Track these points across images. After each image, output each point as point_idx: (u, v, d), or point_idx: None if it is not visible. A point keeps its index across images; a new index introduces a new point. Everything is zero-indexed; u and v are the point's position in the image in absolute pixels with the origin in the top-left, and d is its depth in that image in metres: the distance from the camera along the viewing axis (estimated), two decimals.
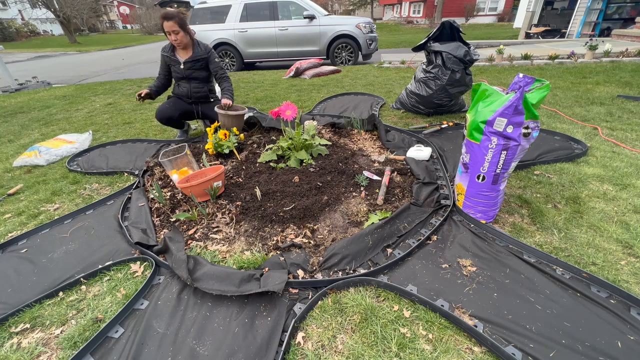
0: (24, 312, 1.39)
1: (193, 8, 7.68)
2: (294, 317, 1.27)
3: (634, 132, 2.80)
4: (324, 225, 1.79)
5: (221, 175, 2.00)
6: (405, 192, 2.06)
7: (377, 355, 1.13)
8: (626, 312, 1.23)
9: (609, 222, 1.71)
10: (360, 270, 1.50)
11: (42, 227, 1.98)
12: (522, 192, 2.04)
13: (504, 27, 18.41)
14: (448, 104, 3.37)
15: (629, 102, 3.56)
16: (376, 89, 4.89)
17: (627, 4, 10.08)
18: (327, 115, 3.57)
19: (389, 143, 2.75)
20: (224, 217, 1.90)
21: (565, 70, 5.30)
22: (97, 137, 3.62)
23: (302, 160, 2.33)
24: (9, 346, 1.26)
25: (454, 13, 23.06)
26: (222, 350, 1.18)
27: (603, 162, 2.31)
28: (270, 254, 1.63)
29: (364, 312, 1.28)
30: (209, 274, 1.46)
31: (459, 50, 3.07)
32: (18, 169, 2.89)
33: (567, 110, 3.44)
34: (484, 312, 1.26)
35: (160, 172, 2.49)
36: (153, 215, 2.01)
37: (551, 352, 1.10)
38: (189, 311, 1.35)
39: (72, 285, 1.53)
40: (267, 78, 6.34)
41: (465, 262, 1.50)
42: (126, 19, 45.47)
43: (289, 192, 1.98)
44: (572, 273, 1.40)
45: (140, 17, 35.54)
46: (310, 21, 7.25)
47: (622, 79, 4.50)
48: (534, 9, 12.20)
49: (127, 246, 1.79)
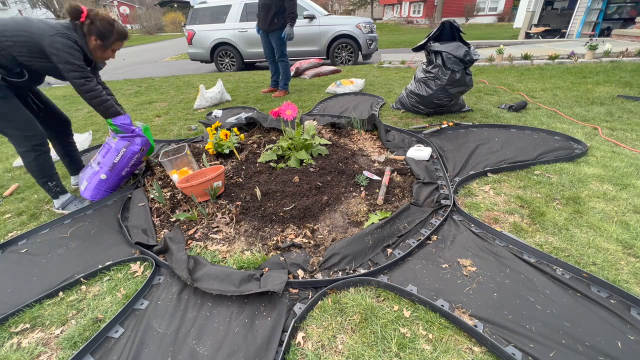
0: (24, 312, 1.39)
1: (193, 8, 7.67)
2: (294, 317, 1.27)
3: (634, 132, 2.81)
4: (324, 225, 1.79)
5: (221, 175, 2.00)
6: (405, 192, 2.06)
7: (377, 355, 1.13)
8: (626, 312, 1.23)
9: (609, 222, 1.71)
10: (360, 270, 1.50)
11: (42, 227, 1.98)
12: (522, 192, 2.04)
13: (504, 27, 18.40)
14: (448, 104, 3.37)
15: (629, 102, 3.56)
16: (376, 89, 4.89)
17: (627, 4, 10.07)
18: (327, 115, 3.57)
19: (389, 143, 2.75)
20: (224, 217, 1.90)
21: (565, 70, 5.30)
22: (97, 137, 3.62)
23: (302, 160, 2.33)
24: (9, 346, 1.26)
25: (454, 13, 23.03)
26: (222, 350, 1.18)
27: (603, 162, 2.31)
28: (270, 254, 1.63)
29: (364, 312, 1.28)
30: (209, 274, 1.46)
31: (459, 50, 3.07)
32: (18, 169, 2.89)
33: (567, 110, 3.44)
34: (484, 312, 1.26)
35: (160, 172, 2.49)
36: (153, 215, 2.01)
37: (551, 352, 1.10)
38: (189, 311, 1.35)
39: (72, 285, 1.53)
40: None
41: (465, 262, 1.50)
42: (126, 19, 45.50)
43: (289, 192, 1.98)
44: (572, 273, 1.40)
45: (140, 17, 35.53)
46: (310, 21, 7.24)
47: (622, 79, 4.50)
48: (534, 9, 12.20)
49: (127, 246, 1.79)
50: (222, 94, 4.69)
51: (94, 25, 1.85)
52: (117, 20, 1.98)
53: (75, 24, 1.85)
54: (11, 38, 1.73)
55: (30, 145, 1.93)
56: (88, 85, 1.91)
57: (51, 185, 2.10)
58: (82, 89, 1.90)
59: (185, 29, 7.71)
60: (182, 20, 8.50)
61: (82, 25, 1.85)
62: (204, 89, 4.52)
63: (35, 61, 1.81)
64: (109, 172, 2.20)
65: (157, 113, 4.36)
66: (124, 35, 2.01)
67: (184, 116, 4.15)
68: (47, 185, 2.09)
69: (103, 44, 1.93)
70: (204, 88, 4.54)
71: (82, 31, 1.86)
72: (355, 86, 4.79)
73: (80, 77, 1.86)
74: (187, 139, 3.24)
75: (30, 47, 1.76)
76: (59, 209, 2.15)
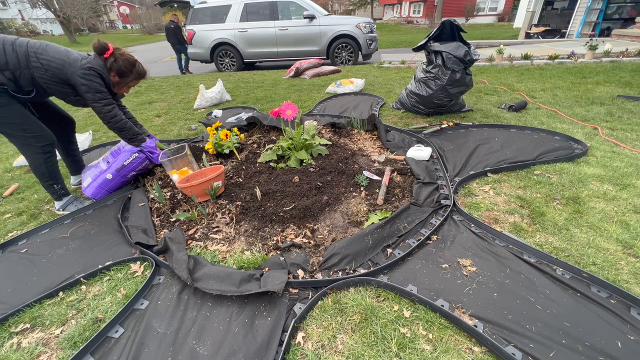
0: (24, 312, 1.39)
1: (193, 8, 7.67)
2: (294, 317, 1.27)
3: (634, 132, 2.81)
4: (324, 225, 1.79)
5: (221, 175, 2.00)
6: (405, 192, 2.06)
7: (377, 355, 1.13)
8: (626, 312, 1.23)
9: (609, 222, 1.71)
10: (360, 270, 1.50)
11: (42, 227, 1.98)
12: (522, 192, 2.04)
13: (504, 27, 18.40)
14: (448, 104, 3.37)
15: (629, 102, 3.56)
16: (376, 89, 4.89)
17: (627, 4, 10.07)
18: (327, 115, 3.57)
19: (389, 143, 2.75)
20: (224, 217, 1.90)
21: (565, 70, 5.30)
22: (97, 137, 3.62)
23: (302, 160, 2.33)
24: (9, 346, 1.26)
25: (454, 13, 23.02)
26: (222, 350, 1.18)
27: (603, 162, 2.31)
28: (270, 254, 1.63)
29: (364, 312, 1.28)
30: (209, 274, 1.46)
31: (459, 50, 3.07)
32: (18, 169, 2.89)
33: (567, 110, 3.44)
34: (484, 312, 1.26)
35: (160, 172, 2.49)
36: (153, 215, 2.01)
37: (551, 352, 1.10)
38: (189, 311, 1.35)
39: (72, 285, 1.53)
40: (267, 78, 6.34)
41: (465, 262, 1.50)
42: (126, 19, 45.47)
43: (289, 192, 1.98)
44: (572, 273, 1.40)
45: (140, 17, 35.52)
46: (310, 21, 7.25)
47: (622, 79, 4.50)
48: (534, 9, 12.21)
49: (127, 246, 1.79)
50: (222, 94, 4.69)
51: (117, 64, 1.97)
52: (139, 62, 2.09)
53: (99, 58, 1.96)
54: (43, 61, 1.80)
55: (40, 146, 1.95)
56: (112, 112, 2.03)
57: (57, 187, 2.11)
58: (110, 114, 2.02)
59: (185, 29, 7.71)
60: (182, 20, 8.45)
61: (105, 60, 1.96)
62: (204, 89, 4.52)
63: (53, 85, 1.88)
64: (116, 173, 2.22)
65: (157, 113, 4.37)
66: (143, 75, 2.15)
67: (184, 116, 4.15)
68: (53, 188, 2.10)
69: (121, 81, 2.05)
70: (204, 88, 4.54)
71: (105, 66, 1.96)
72: (355, 86, 4.79)
73: (108, 104, 2.01)
74: (187, 139, 3.24)
75: (57, 73, 1.84)
76: (60, 210, 2.15)
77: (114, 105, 2.05)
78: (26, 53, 1.76)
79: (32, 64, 1.77)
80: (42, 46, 1.82)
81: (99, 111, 1.99)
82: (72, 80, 1.87)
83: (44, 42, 1.87)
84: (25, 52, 1.76)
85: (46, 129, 1.99)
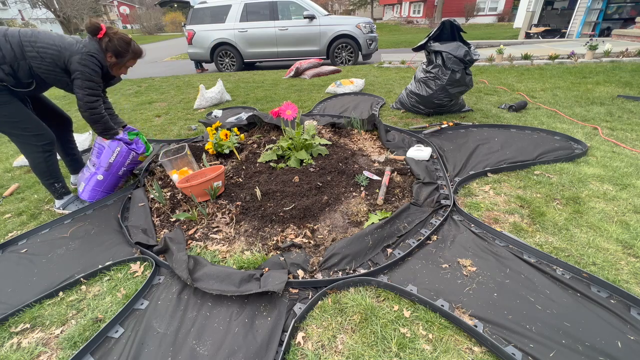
0: (24, 312, 1.39)
1: (193, 8, 7.67)
2: (294, 317, 1.27)
3: (634, 132, 2.81)
4: (324, 225, 1.79)
5: (221, 175, 2.00)
6: (405, 192, 2.06)
7: (377, 355, 1.13)
8: (626, 312, 1.23)
9: (609, 222, 1.71)
10: (360, 270, 1.50)
11: (42, 227, 1.98)
12: (522, 192, 2.04)
13: (504, 27, 18.39)
14: (448, 104, 3.37)
15: (629, 102, 3.56)
16: (376, 89, 4.89)
17: (627, 4, 10.07)
18: (327, 115, 3.57)
19: (389, 143, 2.75)
20: (224, 217, 1.90)
21: (565, 70, 5.30)
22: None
23: (302, 160, 2.33)
24: (9, 346, 1.26)
25: (454, 13, 23.02)
26: (222, 350, 1.18)
27: (603, 162, 2.31)
28: (270, 254, 1.63)
29: (364, 312, 1.28)
30: (209, 274, 1.46)
31: (459, 50, 3.07)
32: (18, 169, 2.89)
33: (567, 110, 3.44)
34: (484, 312, 1.26)
35: (160, 172, 2.49)
36: (153, 215, 2.01)
37: (551, 352, 1.10)
38: (189, 311, 1.35)
39: (72, 285, 1.53)
40: (267, 78, 6.34)
41: (465, 262, 1.50)
42: (126, 19, 45.46)
43: (289, 192, 1.98)
44: (572, 273, 1.40)
45: (140, 17, 35.52)
46: (310, 21, 7.24)
47: (622, 79, 4.50)
48: (534, 9, 12.20)
49: (127, 246, 1.79)
50: (222, 94, 4.69)
51: (112, 43, 1.91)
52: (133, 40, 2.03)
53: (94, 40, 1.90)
54: (39, 49, 1.75)
55: (40, 145, 1.94)
56: (94, 104, 1.95)
57: (58, 186, 2.10)
58: (90, 105, 1.94)
59: (185, 28, 7.71)
60: (182, 20, 8.49)
61: (99, 41, 1.90)
62: (204, 89, 4.52)
63: (51, 74, 1.84)
64: (106, 173, 2.20)
65: (157, 113, 4.37)
66: (139, 53, 2.07)
67: (184, 116, 4.15)
68: (54, 187, 2.09)
69: (118, 62, 1.99)
70: (204, 88, 4.54)
71: (101, 47, 1.91)
72: (355, 86, 4.79)
73: (93, 95, 1.93)
74: (187, 139, 3.24)
75: (54, 61, 1.79)
76: (60, 209, 2.15)
77: (99, 99, 1.98)
78: (20, 43, 1.72)
79: (28, 53, 1.73)
80: (35, 33, 1.77)
81: (80, 98, 1.90)
82: (69, 66, 1.82)
83: (35, 29, 1.82)
84: (19, 42, 1.72)
85: (46, 128, 1.98)
